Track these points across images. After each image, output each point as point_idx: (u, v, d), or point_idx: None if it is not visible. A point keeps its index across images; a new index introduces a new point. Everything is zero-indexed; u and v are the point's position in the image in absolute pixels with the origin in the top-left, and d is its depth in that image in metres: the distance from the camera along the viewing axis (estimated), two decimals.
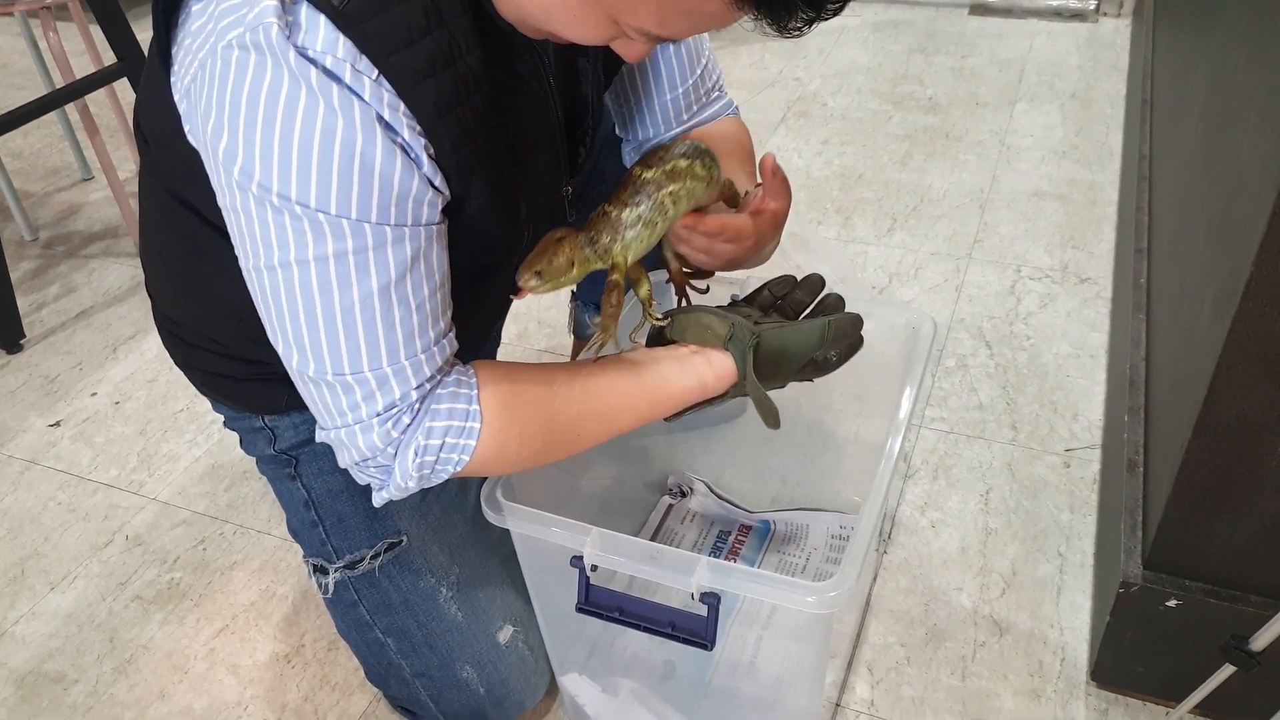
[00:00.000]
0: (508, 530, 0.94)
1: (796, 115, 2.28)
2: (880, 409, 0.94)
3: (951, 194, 1.95)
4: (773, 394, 0.86)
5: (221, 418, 1.01)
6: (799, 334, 0.86)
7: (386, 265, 0.68)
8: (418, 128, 0.67)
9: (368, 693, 1.12)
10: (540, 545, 0.86)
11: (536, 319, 1.69)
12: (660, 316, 0.88)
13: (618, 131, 1.03)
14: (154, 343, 1.71)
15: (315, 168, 0.63)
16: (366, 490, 0.95)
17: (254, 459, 1.01)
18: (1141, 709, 1.05)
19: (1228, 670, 0.82)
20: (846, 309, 0.92)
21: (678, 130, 1.01)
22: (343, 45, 0.63)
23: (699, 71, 0.98)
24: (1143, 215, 1.51)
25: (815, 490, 1.27)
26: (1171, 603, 0.96)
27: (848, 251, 1.81)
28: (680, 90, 0.98)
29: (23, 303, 1.76)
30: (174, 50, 0.69)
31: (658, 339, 0.89)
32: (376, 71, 0.64)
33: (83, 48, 1.93)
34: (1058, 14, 2.70)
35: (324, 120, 0.63)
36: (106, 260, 1.94)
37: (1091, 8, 2.69)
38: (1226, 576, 0.93)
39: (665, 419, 0.86)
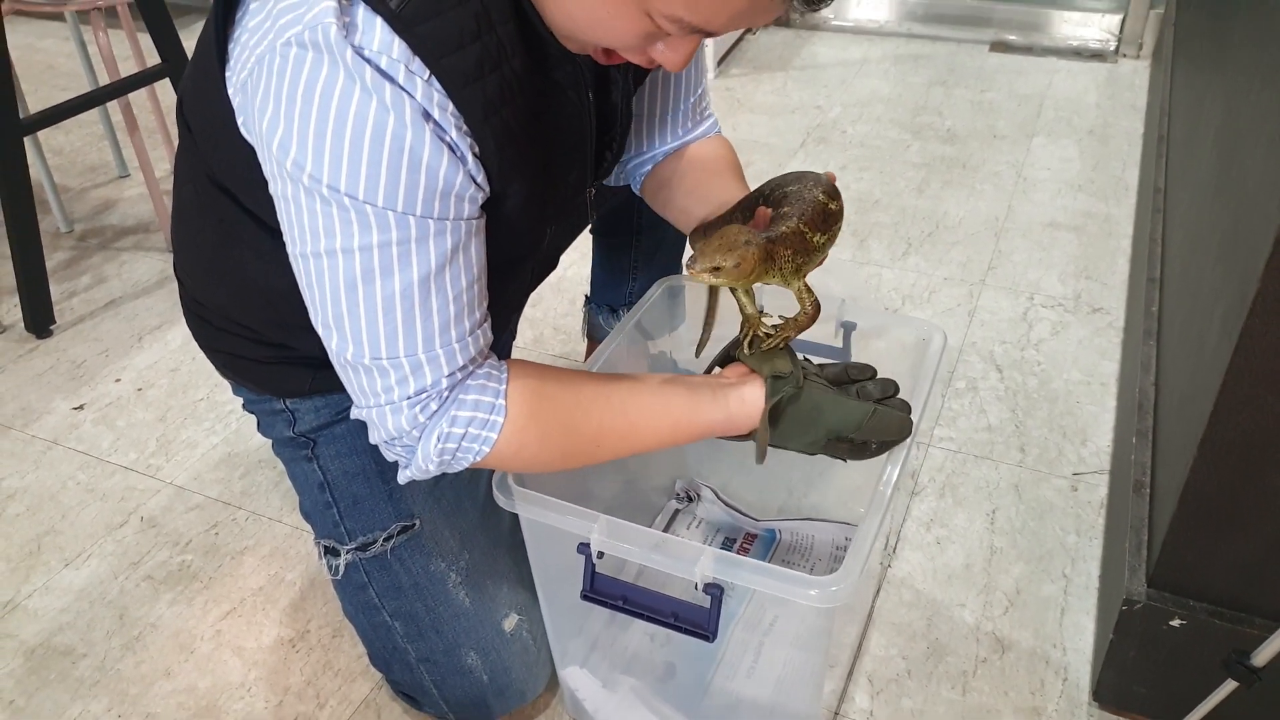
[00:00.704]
0: (516, 522, 0.96)
1: (816, 141, 2.31)
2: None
3: (967, 221, 1.97)
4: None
5: (241, 401, 1.04)
6: (840, 406, 0.85)
7: (428, 257, 0.71)
8: (464, 127, 0.70)
9: (370, 679, 1.13)
10: (548, 532, 0.87)
11: (552, 325, 1.72)
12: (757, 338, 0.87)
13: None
14: (178, 333, 1.74)
15: (365, 161, 0.66)
16: (382, 474, 0.97)
17: (271, 441, 1.03)
18: None
19: (1229, 686, 0.83)
20: (889, 382, 0.91)
21: (672, 145, 1.04)
22: (398, 47, 0.65)
23: (701, 89, 1.02)
24: (1156, 246, 1.53)
25: (822, 501, 1.28)
26: (1175, 622, 0.96)
27: (861, 273, 1.83)
28: (687, 104, 1.02)
29: (55, 291, 1.79)
30: (230, 46, 0.72)
31: (727, 353, 0.91)
32: (429, 73, 0.67)
33: (128, 52, 1.98)
34: (1077, 53, 2.73)
35: (375, 116, 0.65)
36: (137, 254, 1.98)
37: (1111, 48, 2.72)
38: (1231, 597, 0.94)
39: None
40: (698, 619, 0.80)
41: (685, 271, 0.80)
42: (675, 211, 1.01)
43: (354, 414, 0.80)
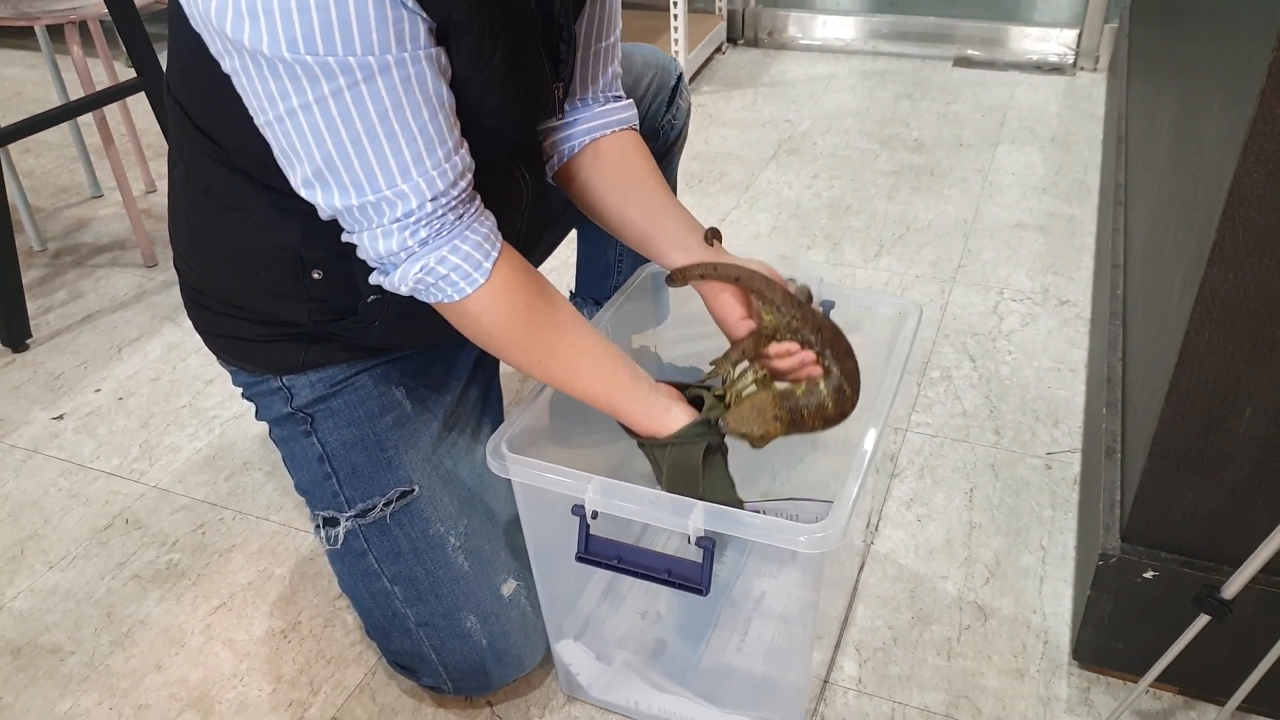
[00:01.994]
0: (511, 493, 0.98)
1: (787, 152, 2.36)
2: (866, 413, 0.98)
3: (936, 224, 2.03)
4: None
5: (229, 402, 1.06)
6: (720, 490, 0.90)
7: (379, 94, 0.73)
8: None
9: (363, 665, 1.14)
10: (541, 495, 0.89)
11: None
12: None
13: None
14: (158, 344, 1.74)
15: (295, 19, 0.68)
16: (380, 443, 0.99)
17: (268, 424, 1.05)
18: (1122, 687, 1.08)
19: (1202, 621, 0.86)
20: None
21: (594, 112, 1.02)
22: None
23: (615, 35, 1.02)
24: (1119, 235, 1.58)
25: (804, 485, 1.31)
26: (1148, 574, 0.99)
27: (835, 273, 1.87)
28: (607, 42, 1.01)
29: (30, 307, 1.79)
30: None
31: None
32: None
33: (101, 72, 1.99)
34: (1038, 67, 2.81)
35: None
36: (113, 270, 1.98)
37: (1070, 62, 2.81)
38: (1200, 547, 0.97)
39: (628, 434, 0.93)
40: (690, 573, 0.82)
41: (721, 426, 0.91)
42: (600, 208, 1.03)
43: (344, 238, 0.82)
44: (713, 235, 0.99)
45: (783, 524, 0.80)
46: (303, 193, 0.79)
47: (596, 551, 0.85)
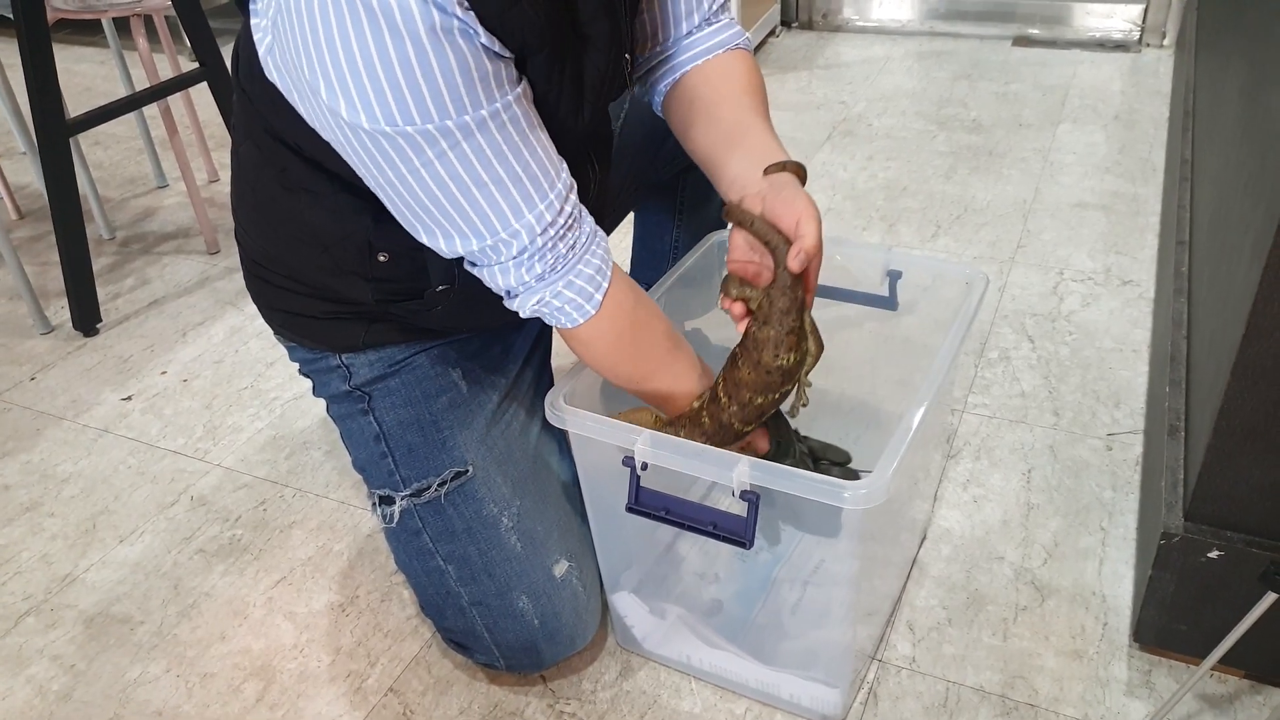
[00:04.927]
0: (567, 475, 0.99)
1: (842, 134, 2.34)
2: (921, 377, 0.97)
3: (995, 204, 1.99)
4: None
5: (296, 368, 1.07)
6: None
7: (481, 148, 0.74)
8: (465, 3, 0.70)
9: (419, 639, 1.16)
10: (596, 448, 0.90)
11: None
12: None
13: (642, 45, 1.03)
14: (221, 328, 1.79)
15: (390, 97, 0.69)
16: (436, 423, 1.01)
17: (325, 400, 1.07)
18: (1184, 670, 1.05)
19: (1269, 599, 0.83)
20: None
21: (688, 43, 0.99)
22: None
23: None
24: (1184, 211, 1.54)
25: (857, 465, 1.30)
26: (1213, 554, 0.96)
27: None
28: None
29: (100, 293, 1.84)
30: None
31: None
32: None
33: (165, 65, 2.04)
34: (1101, 45, 2.74)
35: (375, 44, 0.67)
36: (178, 257, 2.04)
37: (1135, 38, 2.73)
38: (1267, 525, 0.94)
39: None
40: (735, 527, 0.82)
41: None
42: (690, 140, 1.00)
43: (469, 269, 0.85)
44: (779, 168, 0.92)
45: (828, 480, 0.80)
46: (425, 240, 0.82)
47: (646, 502, 0.86)
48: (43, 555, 1.32)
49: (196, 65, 1.87)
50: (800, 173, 0.92)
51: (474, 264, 0.84)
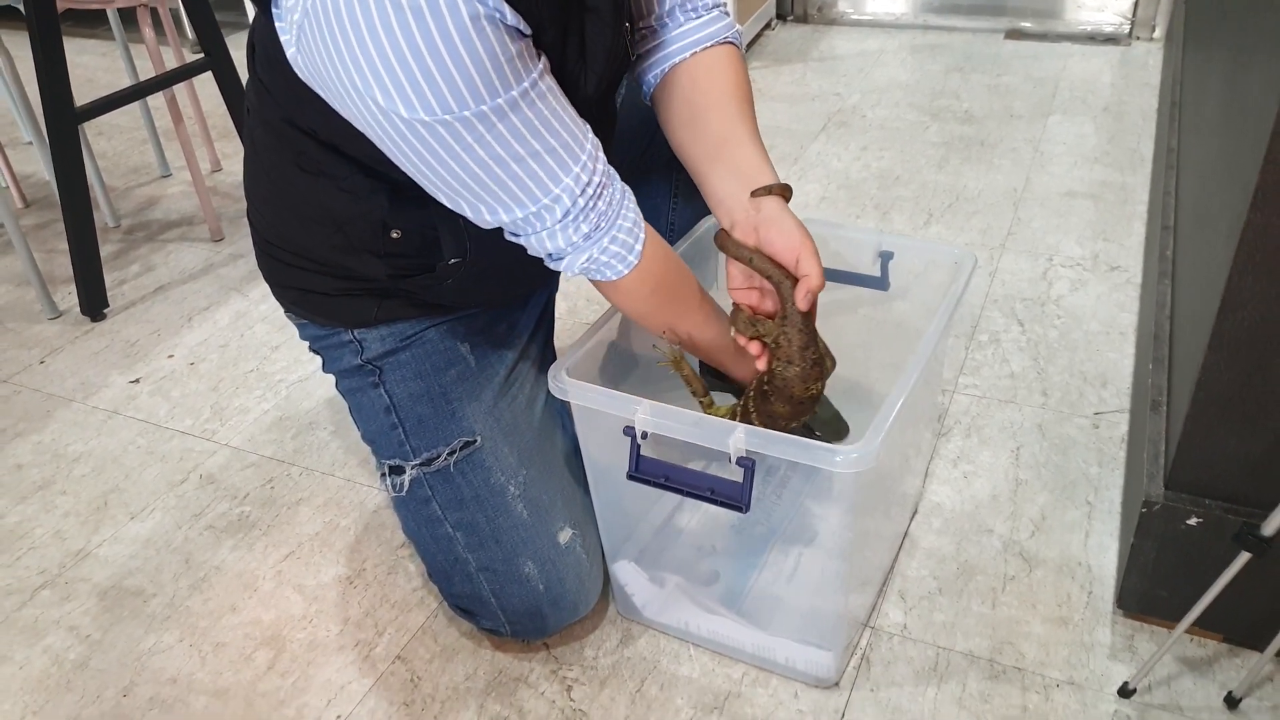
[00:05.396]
0: (571, 447, 1.02)
1: (837, 125, 2.37)
2: (909, 350, 1.00)
3: (986, 193, 2.03)
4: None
5: (295, 366, 1.11)
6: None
7: (516, 126, 0.78)
8: None
9: (425, 609, 1.19)
10: (598, 418, 0.94)
11: (585, 297, 1.78)
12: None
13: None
14: (226, 313, 1.82)
15: (426, 88, 0.72)
16: (445, 394, 1.04)
17: (335, 376, 1.10)
18: (1165, 634, 1.09)
19: (1242, 560, 0.87)
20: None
21: (677, 34, 1.01)
22: None
23: None
24: (1169, 198, 1.57)
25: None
26: (1192, 520, 1.00)
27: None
28: None
29: (106, 280, 1.87)
30: None
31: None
32: None
33: (170, 57, 2.07)
34: (1091, 38, 2.78)
35: (420, 34, 0.70)
36: (183, 244, 2.07)
37: (1125, 32, 2.77)
38: (1243, 492, 0.98)
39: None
40: (731, 492, 0.86)
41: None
42: (676, 143, 1.04)
43: (511, 239, 0.89)
44: (765, 192, 0.96)
45: (819, 445, 0.83)
46: (470, 215, 0.85)
47: (646, 470, 0.90)
48: (56, 531, 1.35)
49: (201, 55, 1.90)
50: (786, 194, 0.96)
51: (516, 234, 0.87)
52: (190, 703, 1.10)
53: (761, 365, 0.96)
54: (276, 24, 0.78)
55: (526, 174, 0.81)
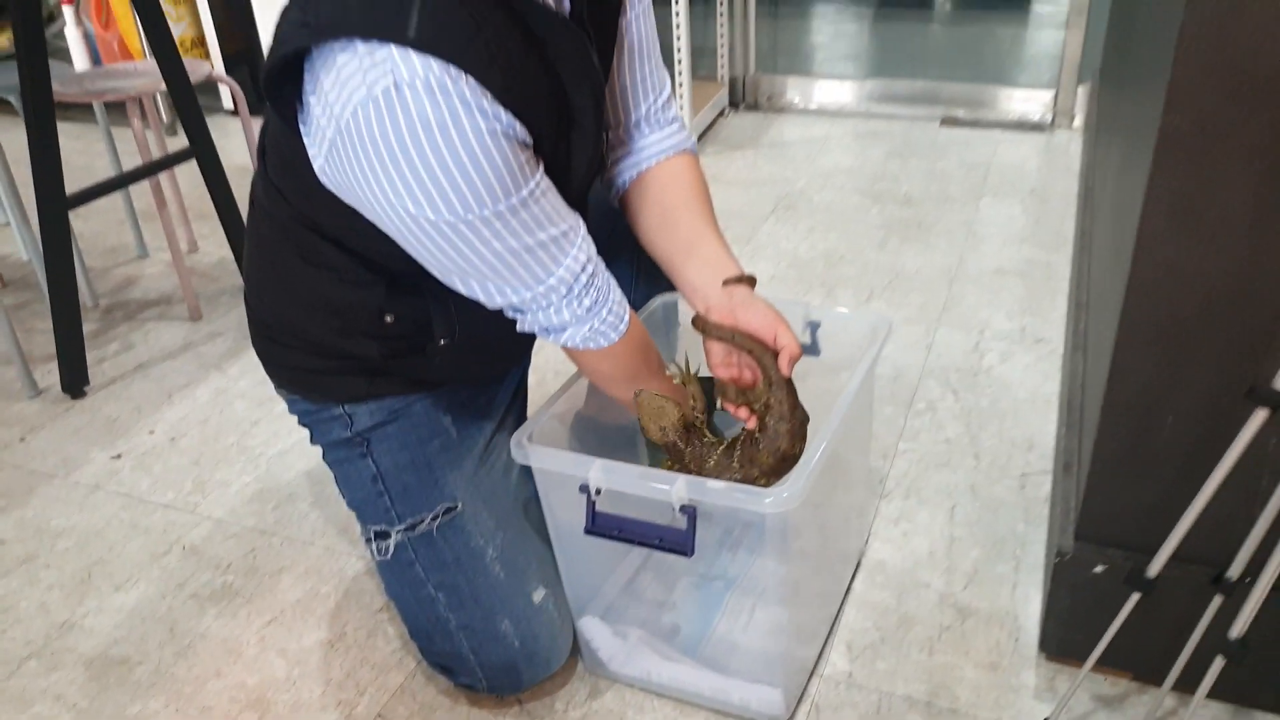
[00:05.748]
0: (540, 512, 1.12)
1: (785, 208, 2.53)
2: (828, 409, 1.12)
3: (923, 271, 2.18)
4: None
5: (274, 440, 1.19)
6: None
7: (525, 220, 0.89)
8: (497, 100, 0.84)
9: (404, 670, 1.27)
10: (557, 479, 1.04)
11: (554, 370, 1.89)
12: None
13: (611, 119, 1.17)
14: (206, 390, 1.89)
15: (449, 191, 0.83)
16: (429, 464, 1.14)
17: (323, 447, 1.19)
18: (1084, 675, 1.20)
19: (1133, 600, 0.98)
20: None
21: (645, 145, 1.15)
22: (435, 64, 0.80)
23: (654, 60, 1.14)
24: (1083, 277, 1.73)
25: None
26: (1098, 568, 1.12)
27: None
28: (648, 69, 1.13)
29: (86, 357, 1.95)
30: (304, 111, 0.87)
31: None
32: (457, 69, 0.81)
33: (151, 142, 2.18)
34: (1019, 125, 2.99)
35: (445, 145, 0.80)
36: (161, 323, 2.15)
37: (1048, 120, 2.98)
38: (1140, 541, 1.10)
39: None
40: (677, 539, 0.97)
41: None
42: (649, 241, 1.17)
43: (519, 321, 0.99)
44: (735, 282, 1.09)
45: (751, 490, 0.95)
46: (483, 299, 0.96)
47: (601, 525, 1.00)
48: (41, 604, 1.41)
49: (186, 145, 2.01)
50: (753, 282, 1.11)
51: (522, 311, 0.98)
52: None
53: (752, 425, 1.07)
54: (305, 138, 0.88)
55: (534, 260, 0.92)
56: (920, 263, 2.22)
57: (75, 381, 1.87)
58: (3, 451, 1.74)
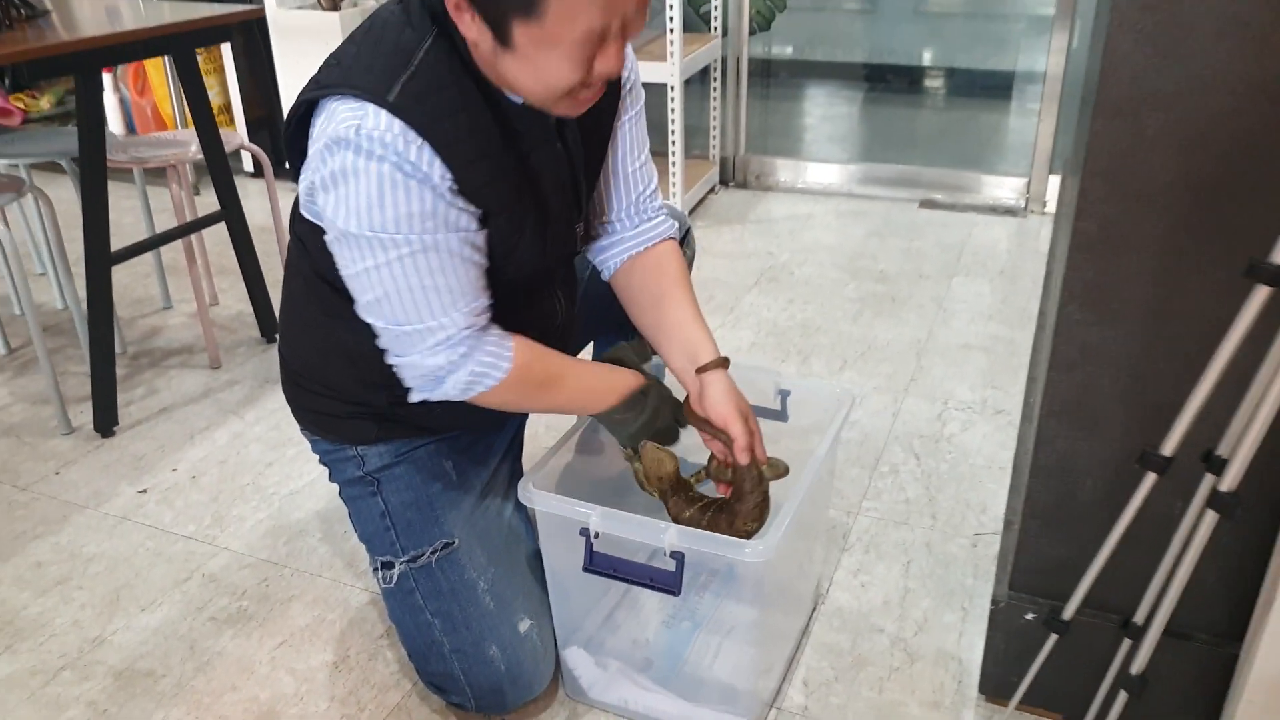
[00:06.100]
0: (533, 551, 1.26)
1: (768, 280, 2.71)
2: (800, 470, 1.27)
3: (894, 343, 2.34)
4: None
5: (287, 481, 1.34)
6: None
7: (425, 262, 1.04)
8: (448, 174, 1.02)
9: (401, 690, 1.39)
10: (558, 522, 1.18)
11: (545, 423, 2.03)
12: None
13: (597, 217, 1.34)
14: (225, 433, 2.04)
15: (377, 211, 1.00)
16: (431, 504, 1.28)
17: (339, 484, 1.34)
18: (1017, 715, 1.33)
19: (1051, 640, 1.12)
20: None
21: (634, 233, 1.32)
22: (397, 125, 0.99)
23: (643, 157, 1.31)
24: (1040, 354, 1.89)
25: None
26: (1029, 615, 1.26)
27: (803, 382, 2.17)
28: (636, 165, 1.30)
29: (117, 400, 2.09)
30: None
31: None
32: (421, 140, 1.00)
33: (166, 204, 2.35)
34: (993, 210, 3.19)
35: (379, 185, 0.99)
36: (184, 370, 2.30)
37: (1021, 206, 3.18)
38: (1063, 591, 1.23)
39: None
40: (666, 579, 1.10)
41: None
42: (638, 322, 1.34)
43: (392, 360, 1.12)
44: (707, 368, 1.25)
45: (734, 541, 1.09)
46: (367, 319, 1.10)
47: (598, 564, 1.14)
48: (74, 620, 1.53)
49: (217, 208, 2.18)
50: (725, 364, 1.27)
51: (401, 354, 1.11)
52: None
53: (725, 493, 1.24)
54: (301, 179, 1.07)
55: (423, 297, 1.06)
56: (891, 335, 2.38)
57: (106, 421, 2.02)
58: (39, 483, 1.88)
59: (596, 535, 1.13)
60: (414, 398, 1.14)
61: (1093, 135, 1.04)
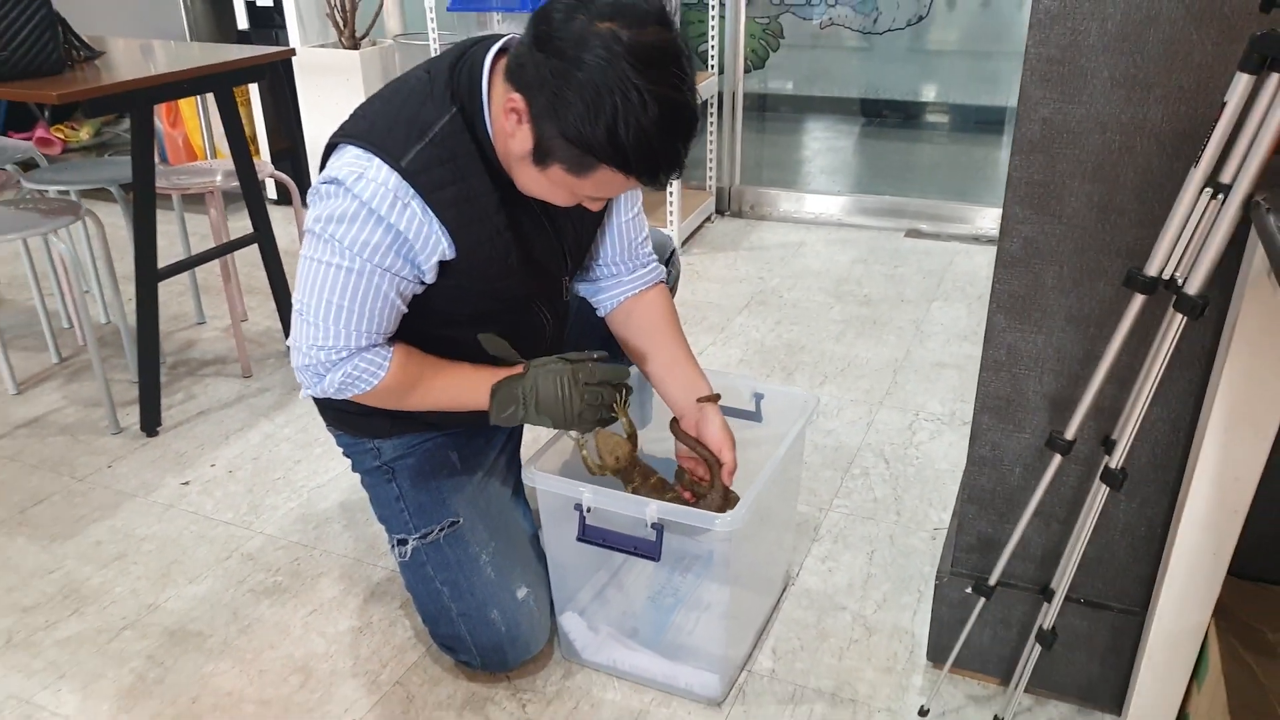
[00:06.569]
0: (526, 528, 1.46)
1: (758, 303, 2.91)
2: (767, 457, 1.47)
3: (873, 361, 2.54)
4: None
5: (314, 476, 1.53)
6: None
7: (353, 283, 1.21)
8: (435, 234, 1.20)
9: (417, 651, 1.58)
10: (554, 499, 1.38)
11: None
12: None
13: (591, 259, 1.52)
14: (257, 434, 2.24)
15: (337, 225, 1.18)
16: (439, 488, 1.47)
17: (360, 473, 1.53)
18: (960, 679, 1.51)
19: (979, 604, 1.31)
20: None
21: (628, 278, 1.50)
22: (394, 180, 1.17)
23: (636, 209, 1.49)
24: None
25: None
26: (967, 589, 1.45)
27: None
28: (629, 217, 1.48)
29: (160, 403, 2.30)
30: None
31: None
32: (420, 200, 1.18)
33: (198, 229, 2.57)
34: (976, 239, 3.39)
35: (353, 209, 1.17)
36: (218, 379, 2.51)
37: None
38: (995, 565, 1.43)
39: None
40: (648, 548, 1.30)
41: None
42: (633, 356, 1.53)
43: (289, 341, 1.28)
44: (707, 400, 1.45)
45: (703, 514, 1.28)
46: (293, 294, 1.27)
47: (590, 535, 1.33)
48: (132, 589, 1.73)
49: (250, 231, 2.40)
50: (717, 399, 1.46)
51: (295, 339, 1.25)
52: (243, 709, 1.47)
53: (689, 498, 1.43)
54: (309, 200, 1.27)
55: (335, 304, 1.21)
56: (871, 354, 2.58)
57: (151, 422, 2.22)
58: (94, 475, 2.09)
59: (589, 510, 1.33)
60: (302, 394, 1.31)
61: (1013, 167, 1.24)
